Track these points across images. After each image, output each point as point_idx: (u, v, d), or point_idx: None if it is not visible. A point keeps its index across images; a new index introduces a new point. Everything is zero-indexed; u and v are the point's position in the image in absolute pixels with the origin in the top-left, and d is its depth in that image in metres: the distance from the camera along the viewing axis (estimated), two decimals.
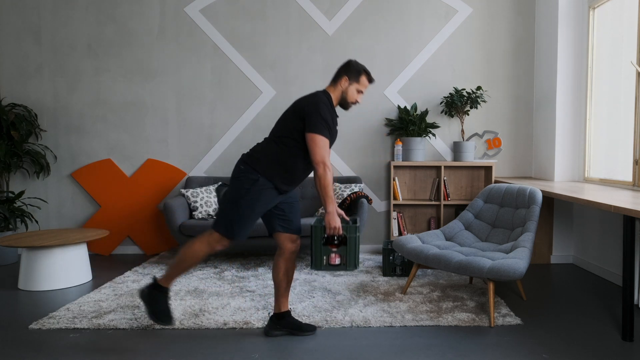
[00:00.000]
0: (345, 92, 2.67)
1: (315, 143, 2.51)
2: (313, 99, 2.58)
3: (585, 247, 4.32)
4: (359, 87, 2.68)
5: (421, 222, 4.90)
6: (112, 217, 4.83)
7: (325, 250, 2.59)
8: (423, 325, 2.91)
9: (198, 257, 2.59)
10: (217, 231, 2.57)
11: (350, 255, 2.59)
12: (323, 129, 2.52)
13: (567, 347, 2.62)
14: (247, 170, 2.56)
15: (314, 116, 2.51)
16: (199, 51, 4.83)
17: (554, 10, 4.41)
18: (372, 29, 4.83)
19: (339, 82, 2.67)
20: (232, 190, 2.57)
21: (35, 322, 2.95)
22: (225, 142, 4.88)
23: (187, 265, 2.60)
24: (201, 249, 2.59)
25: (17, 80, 4.83)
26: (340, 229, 2.54)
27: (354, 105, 2.72)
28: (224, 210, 2.57)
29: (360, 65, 2.69)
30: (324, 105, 2.56)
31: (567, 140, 4.41)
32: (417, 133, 4.66)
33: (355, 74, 2.66)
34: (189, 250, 2.59)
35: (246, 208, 2.53)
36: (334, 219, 2.52)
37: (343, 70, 2.68)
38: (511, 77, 4.87)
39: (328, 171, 2.51)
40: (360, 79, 2.68)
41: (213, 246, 2.59)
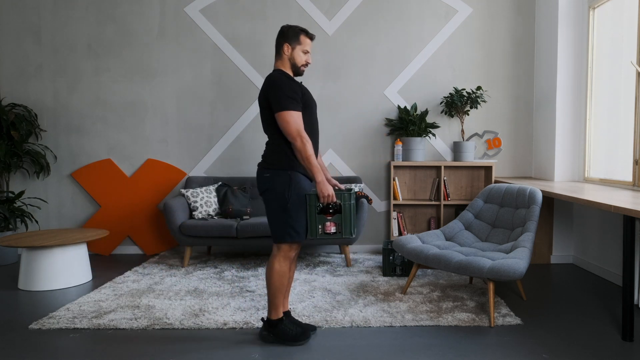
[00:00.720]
0: (292, 59, 2.62)
1: (283, 120, 2.47)
2: (266, 83, 2.54)
3: (585, 247, 4.32)
4: (303, 47, 2.61)
5: (421, 222, 4.90)
6: (112, 217, 4.83)
7: (320, 219, 2.57)
8: (423, 325, 2.91)
9: (285, 273, 2.60)
10: (283, 242, 2.57)
11: (346, 223, 2.56)
12: (286, 103, 2.47)
13: (567, 347, 2.62)
14: (273, 174, 2.55)
15: (272, 96, 2.49)
16: (199, 51, 4.83)
17: (554, 10, 4.41)
18: (372, 29, 4.83)
19: (282, 52, 2.62)
20: (274, 201, 2.55)
21: (35, 322, 2.95)
22: (225, 142, 4.88)
23: (281, 286, 2.60)
24: (282, 266, 2.59)
25: (17, 80, 4.83)
26: (334, 196, 2.53)
27: (305, 67, 2.65)
28: (278, 221, 2.56)
29: (295, 26, 2.63)
30: (279, 81, 2.51)
31: (567, 140, 4.41)
32: (417, 133, 4.66)
33: (293, 36, 2.60)
34: (274, 275, 2.59)
35: (295, 208, 2.54)
36: (325, 187, 2.50)
37: (281, 39, 2.62)
38: (511, 77, 4.87)
39: (307, 142, 2.48)
40: (300, 39, 2.61)
41: (289, 256, 2.60)
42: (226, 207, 4.45)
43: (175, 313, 3.10)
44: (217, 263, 4.42)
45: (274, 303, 2.62)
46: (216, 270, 4.17)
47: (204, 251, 4.91)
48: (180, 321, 2.96)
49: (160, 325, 2.91)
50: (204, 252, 4.89)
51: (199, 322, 2.94)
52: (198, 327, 2.88)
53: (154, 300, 3.37)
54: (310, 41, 2.65)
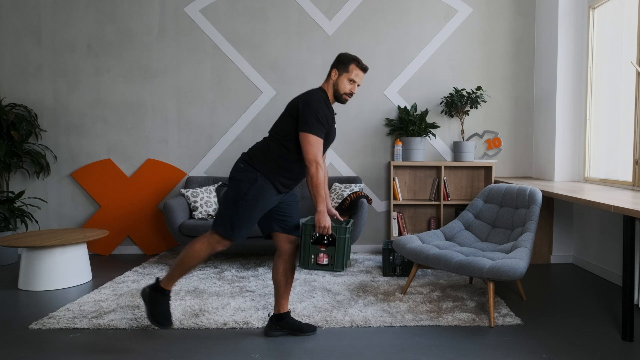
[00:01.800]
0: (336, 85, 2.63)
1: (307, 142, 2.49)
2: (305, 97, 2.56)
3: (585, 247, 4.32)
4: (350, 76, 2.62)
5: (421, 222, 4.90)
6: (112, 217, 4.83)
7: (314, 249, 2.58)
8: (423, 325, 2.91)
9: (199, 257, 2.58)
10: (216, 232, 2.56)
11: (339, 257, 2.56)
12: (315, 128, 2.49)
13: (567, 347, 2.62)
14: (246, 168, 2.56)
15: (306, 115, 2.50)
16: (199, 51, 4.83)
17: (554, 10, 4.41)
18: (372, 29, 4.83)
19: (330, 76, 2.65)
20: (232, 191, 2.56)
21: (35, 322, 2.95)
22: (225, 142, 4.88)
23: (189, 266, 2.59)
24: (202, 250, 2.57)
25: (17, 80, 4.83)
26: (330, 228, 2.53)
27: (349, 97, 2.67)
28: (224, 211, 2.57)
29: (349, 55, 2.64)
30: (318, 102, 2.53)
31: (567, 140, 4.41)
32: (417, 133, 4.66)
33: (343, 64, 2.62)
34: (190, 251, 2.58)
35: (246, 209, 2.52)
36: (324, 218, 2.51)
37: (333, 64, 2.66)
38: (511, 77, 4.87)
39: (320, 170, 2.50)
40: (349, 69, 2.62)
41: (214, 246, 2.58)
42: None
43: (175, 313, 3.10)
44: (217, 263, 4.42)
45: (173, 275, 2.60)
46: (216, 270, 4.17)
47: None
48: (180, 321, 2.95)
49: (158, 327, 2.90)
50: None
51: (199, 322, 2.94)
52: (198, 327, 2.88)
53: None
54: (361, 72, 2.65)
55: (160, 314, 2.59)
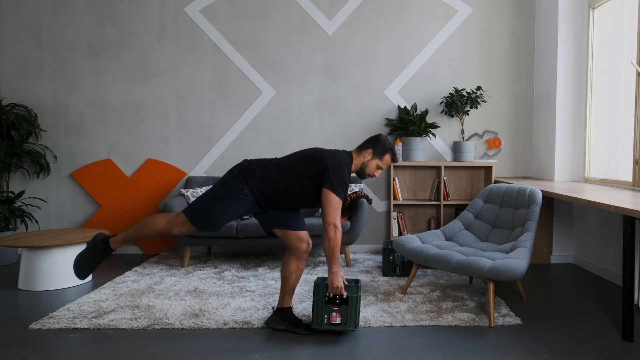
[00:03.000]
0: (365, 165, 2.73)
1: (330, 203, 2.54)
2: (339, 158, 2.62)
3: (585, 247, 4.32)
4: (380, 163, 2.74)
5: (421, 222, 4.90)
6: (112, 217, 4.83)
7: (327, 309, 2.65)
8: (423, 325, 2.91)
9: (154, 230, 2.62)
10: (185, 214, 2.61)
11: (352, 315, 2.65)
12: (340, 191, 2.56)
13: (567, 347, 2.62)
14: (238, 176, 2.62)
15: (336, 175, 2.55)
16: (199, 51, 4.83)
17: (554, 10, 4.41)
18: (372, 29, 4.83)
19: (364, 152, 2.73)
20: (217, 186, 2.64)
21: (35, 322, 2.95)
22: (225, 142, 4.88)
23: (139, 234, 2.63)
24: (160, 225, 2.61)
25: (17, 80, 4.83)
26: (343, 289, 2.61)
27: (369, 178, 2.78)
28: (201, 199, 2.63)
29: (388, 143, 2.74)
30: (347, 168, 2.61)
31: (567, 140, 4.41)
32: (417, 133, 4.66)
33: (381, 151, 2.73)
34: (150, 221, 2.63)
35: (220, 207, 2.58)
36: (337, 279, 2.57)
37: (370, 143, 2.74)
38: (511, 77, 4.87)
39: (338, 233, 2.55)
40: (384, 157, 2.74)
41: (172, 226, 2.61)
42: None
43: (175, 313, 3.10)
44: (217, 263, 4.42)
45: (125, 237, 2.64)
46: (216, 270, 4.17)
47: (204, 251, 4.91)
48: (180, 321, 2.96)
49: (160, 325, 2.91)
50: (204, 252, 4.89)
51: (199, 322, 2.94)
52: (198, 327, 2.88)
53: (154, 300, 3.37)
54: (390, 162, 2.79)
55: (87, 263, 2.63)
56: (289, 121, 4.86)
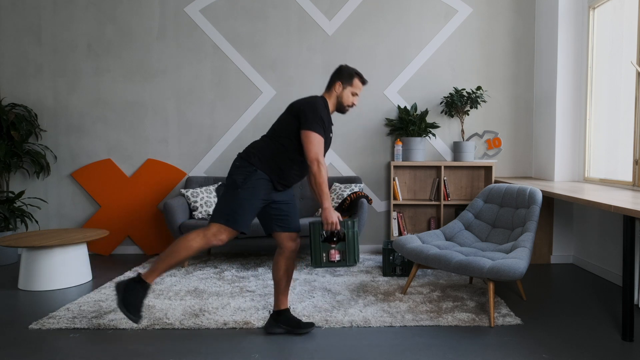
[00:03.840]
0: (340, 97, 2.72)
1: (309, 140, 2.53)
2: (310, 99, 2.63)
3: (585, 247, 4.32)
4: (353, 89, 2.73)
5: (421, 222, 4.90)
6: (112, 217, 4.83)
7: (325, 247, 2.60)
8: (423, 325, 2.91)
9: (190, 249, 2.51)
10: (216, 222, 2.54)
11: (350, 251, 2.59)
12: (317, 127, 2.54)
13: (567, 347, 2.62)
14: (242, 165, 2.59)
15: (309, 114, 2.55)
16: (199, 51, 4.83)
17: (554, 10, 4.41)
18: (372, 29, 4.83)
19: (333, 87, 2.72)
20: (230, 184, 2.59)
21: (35, 322, 2.95)
22: (225, 142, 4.88)
23: (177, 258, 2.52)
24: (196, 242, 2.52)
25: (17, 80, 4.83)
26: (338, 224, 2.55)
27: (350, 108, 2.76)
28: (223, 202, 2.57)
29: (351, 68, 2.75)
30: (321, 106, 2.61)
31: (567, 140, 4.41)
32: (417, 133, 4.66)
33: (348, 77, 2.72)
34: (182, 242, 2.52)
35: (245, 197, 2.54)
36: (330, 215, 2.52)
37: (336, 76, 2.73)
38: (511, 77, 4.87)
39: (322, 168, 2.53)
40: (353, 82, 2.73)
41: (209, 239, 2.53)
42: None
43: (175, 313, 3.10)
44: (217, 263, 4.42)
45: (158, 267, 2.53)
46: (216, 270, 4.17)
47: (204, 251, 4.90)
48: (180, 321, 2.96)
49: (160, 325, 2.91)
50: (204, 252, 4.89)
51: (199, 322, 2.94)
52: (198, 327, 2.88)
53: (154, 300, 3.37)
54: (362, 85, 2.76)
55: (132, 304, 2.50)
56: None
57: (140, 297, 2.52)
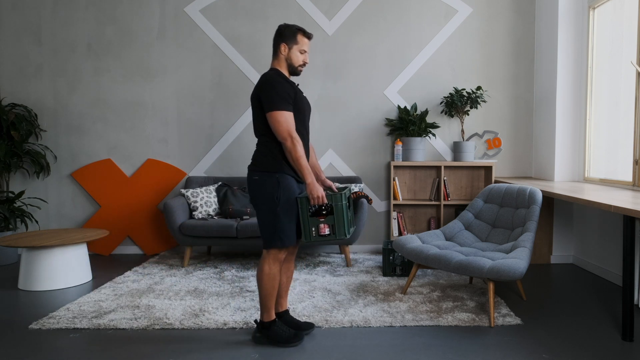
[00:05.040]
0: (289, 59, 2.60)
1: (274, 120, 2.45)
2: (259, 82, 2.53)
3: (585, 247, 4.32)
4: (300, 47, 2.60)
5: (421, 222, 4.90)
6: (112, 217, 4.83)
7: (313, 222, 2.55)
8: (423, 325, 2.91)
9: (275, 275, 2.57)
10: (271, 248, 2.54)
11: (339, 223, 2.54)
12: (279, 103, 2.45)
13: (567, 347, 2.62)
14: (262, 177, 2.53)
15: (264, 95, 2.47)
16: (199, 51, 4.83)
17: (554, 10, 4.41)
18: (372, 29, 4.83)
19: (279, 51, 2.60)
20: (263, 204, 2.53)
21: (35, 322, 2.95)
22: (225, 142, 4.88)
23: (272, 289, 2.58)
24: (272, 268, 2.56)
25: (17, 80, 4.83)
26: (324, 197, 2.49)
27: (302, 67, 2.64)
28: (268, 226, 2.53)
29: (292, 25, 2.61)
30: (273, 80, 2.50)
31: (567, 140, 4.41)
32: (417, 133, 4.66)
33: (291, 36, 2.58)
34: (264, 276, 2.56)
35: (284, 213, 2.51)
36: (315, 189, 2.46)
37: (278, 38, 2.61)
38: (511, 77, 4.87)
39: (297, 143, 2.45)
40: (297, 39, 2.59)
41: (279, 258, 2.57)
42: (226, 207, 4.45)
43: (175, 313, 3.10)
44: (217, 263, 4.42)
45: (265, 305, 2.61)
46: (216, 270, 4.17)
47: (204, 251, 4.91)
48: (180, 321, 2.96)
49: (160, 325, 2.91)
50: (204, 252, 4.89)
51: (199, 322, 2.94)
52: (198, 327, 2.88)
53: (154, 300, 3.37)
54: (307, 40, 2.63)
55: (285, 339, 2.61)
56: None
57: (282, 331, 2.63)
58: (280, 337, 2.62)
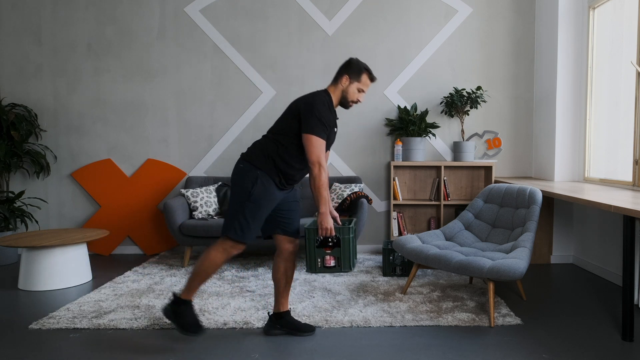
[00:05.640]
0: (345, 92, 2.64)
1: (310, 143, 2.49)
2: (310, 99, 2.55)
3: (585, 247, 4.32)
4: (360, 85, 2.64)
5: (421, 222, 4.90)
6: (112, 217, 4.83)
7: (319, 253, 2.57)
8: (423, 325, 2.91)
9: (216, 264, 2.58)
10: (228, 237, 2.55)
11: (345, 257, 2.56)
12: (318, 130, 2.50)
13: (567, 347, 2.62)
14: (246, 168, 2.56)
15: (309, 116, 2.49)
16: (199, 51, 4.83)
17: (554, 10, 4.41)
18: (372, 29, 4.83)
19: (340, 81, 2.63)
20: (236, 193, 2.56)
21: (35, 322, 2.95)
22: (225, 142, 4.88)
23: (207, 275, 2.59)
24: (218, 257, 2.57)
25: (17, 80, 4.83)
26: (333, 229, 2.52)
27: (355, 104, 2.69)
28: (232, 215, 2.55)
29: (361, 63, 2.65)
30: (321, 105, 2.54)
31: (567, 140, 4.41)
32: (417, 133, 4.66)
33: (356, 72, 2.62)
34: (207, 260, 2.57)
35: (252, 209, 2.52)
36: (326, 220, 2.50)
37: (344, 69, 2.64)
38: (511, 77, 4.87)
39: (323, 172, 2.49)
40: (361, 78, 2.63)
41: (229, 252, 2.58)
42: (226, 207, 4.46)
43: None
44: None
45: (192, 285, 2.59)
46: None
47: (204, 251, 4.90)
48: None
49: (160, 325, 2.91)
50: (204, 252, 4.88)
51: None
52: None
53: (154, 300, 3.37)
54: (370, 83, 2.68)
55: (189, 324, 2.58)
56: None
57: (190, 315, 2.59)
58: (184, 320, 2.56)
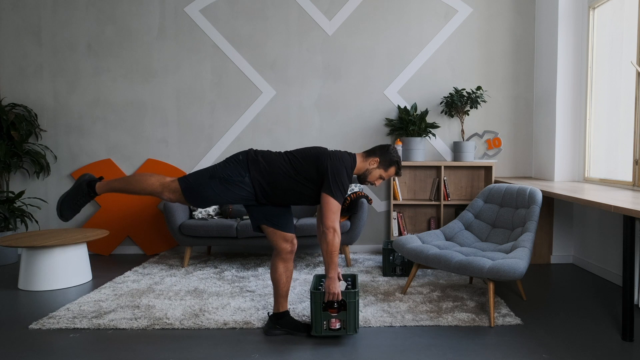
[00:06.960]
0: (369, 172, 2.74)
1: (329, 207, 2.54)
2: (339, 163, 2.60)
3: (585, 247, 4.32)
4: (384, 174, 2.75)
5: (421, 222, 4.90)
6: (112, 217, 4.83)
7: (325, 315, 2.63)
8: (423, 325, 2.91)
9: (145, 189, 2.55)
10: (179, 183, 2.55)
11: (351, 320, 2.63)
12: (339, 195, 2.56)
13: (567, 347, 2.62)
14: (242, 163, 2.59)
15: (334, 180, 2.55)
16: (199, 51, 4.83)
17: (554, 10, 4.41)
18: (372, 29, 4.83)
19: (370, 159, 2.73)
20: (219, 166, 2.59)
21: (35, 322, 2.95)
22: (225, 142, 4.88)
23: (131, 187, 2.56)
24: (153, 185, 2.54)
25: (17, 80, 4.83)
26: (340, 295, 2.58)
27: (368, 185, 2.78)
28: (199, 174, 2.58)
29: (395, 155, 2.74)
30: (347, 171, 2.61)
31: (567, 140, 4.41)
32: (417, 133, 4.66)
33: (387, 162, 2.73)
34: (143, 178, 2.56)
35: (215, 188, 2.54)
36: (334, 285, 2.55)
37: (378, 151, 2.74)
38: (511, 77, 4.87)
39: (337, 237, 2.54)
40: (388, 169, 2.75)
41: (164, 190, 2.54)
42: (226, 207, 4.46)
43: (175, 313, 3.10)
44: (217, 263, 4.42)
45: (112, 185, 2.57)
46: (216, 270, 4.17)
47: (204, 251, 4.91)
48: (180, 321, 2.96)
49: (160, 325, 2.91)
50: (204, 252, 4.89)
51: (199, 322, 2.94)
52: (198, 327, 2.88)
53: (154, 300, 3.37)
54: (393, 175, 2.79)
55: (71, 203, 2.54)
56: (288, 121, 4.86)
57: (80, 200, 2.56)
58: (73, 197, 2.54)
